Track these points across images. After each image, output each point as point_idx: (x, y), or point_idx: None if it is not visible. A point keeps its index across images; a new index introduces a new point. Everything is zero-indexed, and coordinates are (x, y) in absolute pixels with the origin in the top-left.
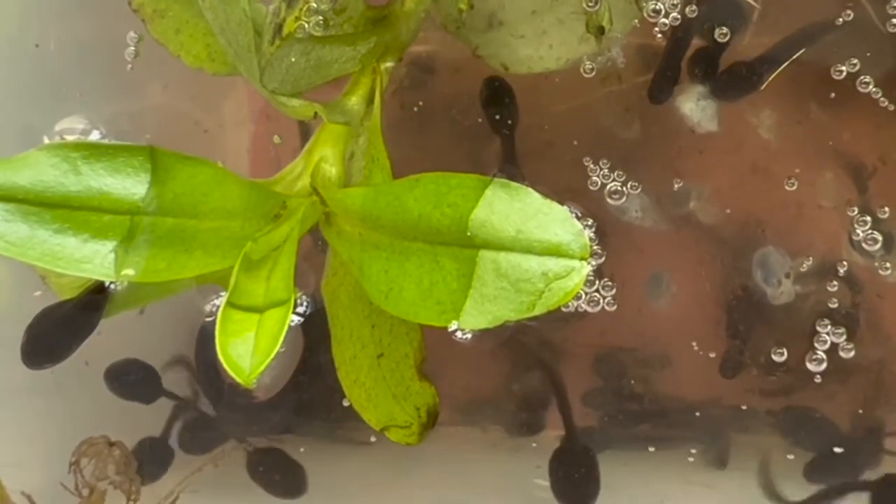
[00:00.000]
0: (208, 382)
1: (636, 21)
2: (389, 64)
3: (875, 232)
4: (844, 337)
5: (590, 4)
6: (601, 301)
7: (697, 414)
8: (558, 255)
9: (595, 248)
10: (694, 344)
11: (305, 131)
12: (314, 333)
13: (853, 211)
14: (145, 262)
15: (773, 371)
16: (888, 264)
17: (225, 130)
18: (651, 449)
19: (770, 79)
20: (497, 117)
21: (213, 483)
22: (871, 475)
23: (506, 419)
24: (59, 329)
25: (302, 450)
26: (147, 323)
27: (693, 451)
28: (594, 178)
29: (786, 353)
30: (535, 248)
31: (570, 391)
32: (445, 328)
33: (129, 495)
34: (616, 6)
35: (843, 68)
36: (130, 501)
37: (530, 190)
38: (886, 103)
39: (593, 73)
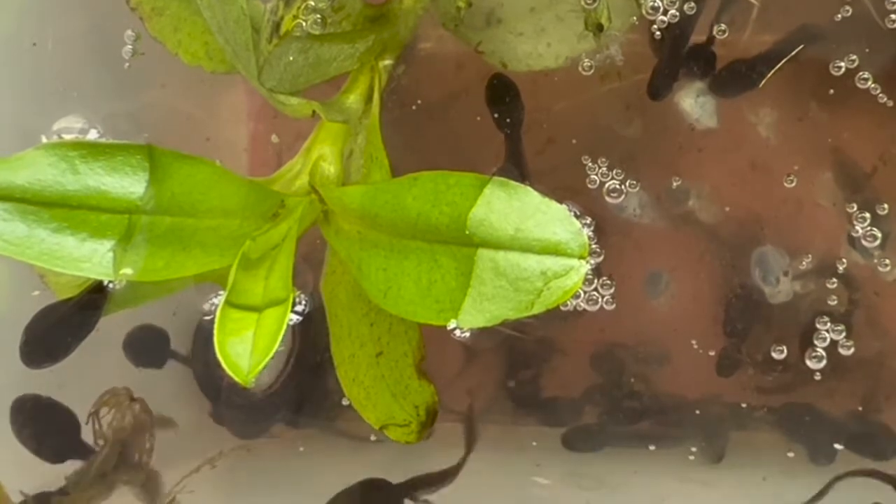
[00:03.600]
0: (206, 381)
1: (635, 18)
2: (388, 62)
3: (874, 229)
4: (844, 334)
5: (588, 2)
6: (600, 300)
7: (697, 412)
8: (557, 254)
9: (594, 246)
10: (693, 342)
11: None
12: (313, 332)
13: (852, 208)
14: (143, 261)
15: (772, 369)
16: (887, 261)
17: (223, 129)
18: (651, 447)
19: (769, 76)
20: (497, 115)
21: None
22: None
23: (504, 417)
24: (58, 328)
25: (301, 448)
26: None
27: (693, 449)
28: (593, 176)
29: (785, 351)
30: (533, 246)
31: (569, 389)
32: (444, 326)
33: (142, 454)
34: (615, 3)
35: (842, 64)
36: (142, 459)
37: (529, 188)
38: (885, 99)
39: (592, 71)
